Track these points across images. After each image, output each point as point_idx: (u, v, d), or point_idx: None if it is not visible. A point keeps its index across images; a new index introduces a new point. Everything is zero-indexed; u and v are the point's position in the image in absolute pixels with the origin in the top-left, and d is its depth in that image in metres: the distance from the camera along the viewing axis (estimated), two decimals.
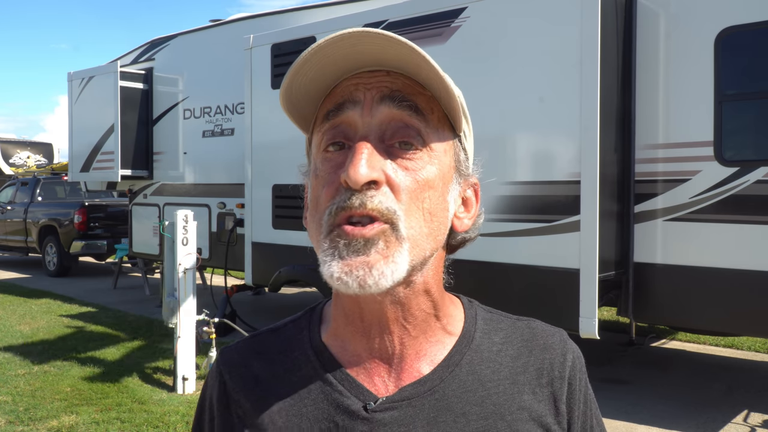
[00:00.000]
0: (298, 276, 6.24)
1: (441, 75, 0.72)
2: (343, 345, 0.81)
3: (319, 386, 0.79)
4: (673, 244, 4.52)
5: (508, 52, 4.85)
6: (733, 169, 4.28)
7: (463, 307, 0.87)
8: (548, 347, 0.84)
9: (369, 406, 0.76)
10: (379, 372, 0.79)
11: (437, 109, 0.77)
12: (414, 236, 0.73)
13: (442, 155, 0.77)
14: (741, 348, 6.66)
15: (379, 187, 0.71)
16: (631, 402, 5.01)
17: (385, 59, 0.73)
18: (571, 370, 0.84)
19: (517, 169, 4.88)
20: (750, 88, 4.42)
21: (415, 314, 0.78)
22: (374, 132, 0.73)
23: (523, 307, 4.78)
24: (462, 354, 0.81)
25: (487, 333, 0.84)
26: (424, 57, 0.70)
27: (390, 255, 0.71)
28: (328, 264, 0.71)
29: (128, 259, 10.80)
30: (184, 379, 5.33)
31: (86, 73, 8.80)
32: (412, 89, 0.75)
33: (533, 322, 0.88)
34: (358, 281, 0.70)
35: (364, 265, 0.70)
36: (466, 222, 0.83)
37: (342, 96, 0.75)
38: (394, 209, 0.71)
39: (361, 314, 0.79)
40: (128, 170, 8.39)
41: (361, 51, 0.72)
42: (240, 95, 7.00)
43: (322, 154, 0.76)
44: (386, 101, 0.74)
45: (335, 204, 0.72)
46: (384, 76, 0.75)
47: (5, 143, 19.49)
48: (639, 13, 4.62)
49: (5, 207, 13.71)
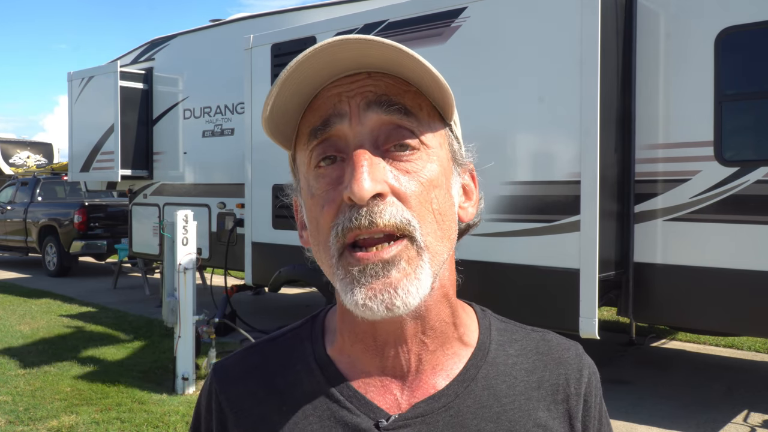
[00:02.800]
0: (298, 276, 6.24)
1: (428, 68, 0.68)
2: (350, 360, 0.77)
3: (324, 403, 0.75)
4: (673, 244, 4.52)
5: (508, 52, 4.85)
6: (733, 169, 4.28)
7: (477, 316, 0.84)
8: (564, 362, 0.82)
9: (381, 424, 0.72)
10: (391, 388, 0.75)
11: (425, 104, 0.73)
12: (431, 243, 0.70)
13: (439, 150, 0.73)
14: (741, 348, 6.66)
15: (384, 198, 0.67)
16: (631, 402, 5.01)
17: (367, 62, 0.70)
18: (587, 387, 0.81)
19: (517, 169, 4.88)
20: (750, 88, 4.42)
21: (434, 326, 0.75)
22: (367, 140, 0.69)
23: (524, 308, 4.78)
24: (478, 368, 0.78)
25: (502, 345, 0.81)
26: (409, 54, 0.67)
27: (412, 272, 0.67)
28: (351, 293, 0.67)
29: (128, 259, 10.80)
30: (184, 379, 5.32)
31: (86, 73, 8.80)
32: (397, 89, 0.71)
33: (548, 334, 0.85)
34: (385, 305, 0.66)
35: (387, 287, 0.66)
36: (470, 211, 0.80)
37: (326, 110, 0.71)
38: (408, 219, 0.68)
39: (374, 333, 0.75)
40: (128, 170, 8.39)
41: (342, 58, 0.68)
42: (240, 95, 7.00)
43: (314, 171, 0.72)
44: (373, 107, 0.70)
45: (340, 224, 0.68)
46: (365, 79, 0.71)
47: (5, 143, 19.49)
48: (639, 13, 4.62)
49: (5, 207, 13.71)
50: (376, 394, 0.75)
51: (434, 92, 0.73)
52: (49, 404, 5.03)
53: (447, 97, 0.73)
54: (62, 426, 4.59)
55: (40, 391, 5.33)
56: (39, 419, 4.73)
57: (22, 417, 4.78)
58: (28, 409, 4.93)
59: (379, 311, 0.66)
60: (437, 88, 0.72)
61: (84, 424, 4.63)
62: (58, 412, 4.85)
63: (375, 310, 0.66)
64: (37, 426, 4.62)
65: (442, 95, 0.73)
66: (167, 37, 8.48)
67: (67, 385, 5.51)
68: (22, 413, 4.85)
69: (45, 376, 5.78)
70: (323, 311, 0.85)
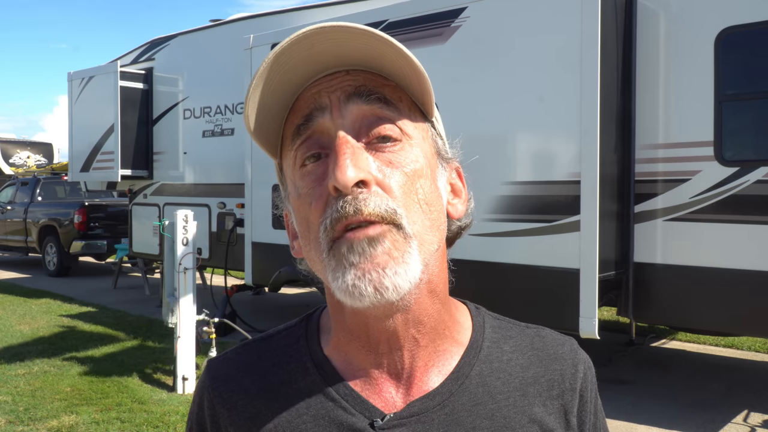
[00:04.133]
0: (298, 276, 6.22)
1: (408, 56, 0.68)
2: (346, 359, 0.77)
3: (319, 401, 0.75)
4: (673, 244, 4.52)
5: (508, 51, 4.85)
6: (733, 169, 4.28)
7: (470, 313, 0.83)
8: (559, 357, 0.82)
9: (376, 423, 0.72)
10: (386, 386, 0.75)
11: (405, 97, 0.73)
12: (419, 232, 0.69)
13: (422, 142, 0.73)
14: (741, 348, 6.66)
15: (369, 187, 0.67)
16: (631, 402, 5.01)
17: (345, 55, 0.69)
18: (583, 382, 0.81)
19: (517, 169, 4.88)
20: (750, 88, 4.42)
21: (424, 321, 0.74)
22: (349, 131, 0.69)
23: (524, 308, 4.78)
24: (471, 365, 0.77)
25: (496, 342, 0.81)
26: (388, 40, 0.66)
27: (399, 255, 0.67)
28: (341, 278, 0.66)
29: (128, 259, 10.80)
30: (184, 379, 5.33)
31: (86, 73, 8.80)
32: (376, 82, 0.71)
33: (542, 330, 0.85)
34: (373, 284, 0.65)
35: (375, 267, 0.66)
36: (459, 207, 0.79)
37: (307, 107, 0.71)
38: (393, 208, 0.67)
39: (367, 330, 0.74)
40: (128, 170, 8.39)
41: (320, 51, 0.68)
42: (240, 95, 7.00)
43: (299, 171, 0.71)
44: (353, 99, 0.70)
45: (328, 217, 0.67)
46: (344, 76, 0.71)
47: (5, 143, 19.50)
48: (639, 13, 4.62)
49: (5, 207, 13.71)
50: (371, 392, 0.75)
51: (413, 85, 0.72)
52: (49, 404, 5.03)
53: (426, 85, 0.72)
54: (62, 426, 4.59)
55: (40, 391, 5.34)
56: (39, 419, 4.73)
57: (22, 417, 4.78)
58: (28, 409, 4.93)
59: (368, 291, 0.65)
60: (416, 78, 0.71)
61: (84, 424, 4.63)
62: (58, 412, 4.85)
63: (363, 289, 0.65)
64: (37, 426, 4.62)
65: (421, 87, 0.72)
66: (167, 37, 8.48)
67: (67, 385, 5.52)
68: (22, 413, 4.85)
69: (45, 376, 5.78)
70: (318, 310, 0.85)
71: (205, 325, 5.58)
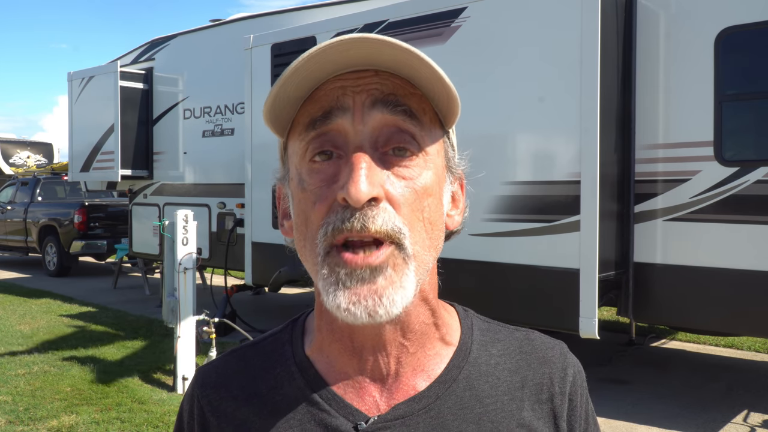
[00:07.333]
0: (298, 276, 6.24)
1: (441, 75, 0.68)
2: (328, 361, 0.76)
3: (304, 406, 0.74)
4: (673, 244, 4.52)
5: (508, 52, 4.85)
6: (733, 169, 4.28)
7: (459, 316, 0.82)
8: (548, 361, 0.80)
9: (360, 427, 0.72)
10: (370, 389, 0.74)
11: (429, 108, 0.72)
12: (418, 253, 0.69)
13: (436, 157, 0.73)
14: (741, 348, 6.66)
15: (378, 203, 0.66)
16: (631, 402, 5.01)
17: (378, 61, 0.68)
18: (572, 386, 0.80)
19: (517, 169, 4.88)
20: (750, 88, 4.42)
21: (414, 328, 0.74)
22: (368, 140, 0.68)
23: (523, 308, 4.78)
24: (459, 369, 0.77)
25: (484, 345, 0.80)
26: (422, 58, 0.66)
27: (398, 280, 0.67)
28: (333, 294, 0.66)
29: (128, 259, 10.80)
30: (184, 379, 5.32)
31: (86, 73, 8.80)
32: (404, 90, 0.70)
33: (531, 334, 0.84)
34: (368, 312, 0.66)
35: (372, 294, 0.66)
36: (456, 219, 0.79)
37: (328, 102, 0.69)
38: (399, 227, 0.67)
39: (351, 335, 0.74)
40: (128, 170, 8.39)
41: (353, 55, 0.67)
42: (240, 95, 7.00)
43: (308, 165, 0.70)
44: (378, 106, 0.68)
45: (330, 224, 0.67)
46: (372, 77, 0.69)
47: (5, 143, 19.49)
48: (639, 13, 4.62)
49: (5, 207, 13.71)
50: (354, 396, 0.74)
51: (441, 99, 0.72)
52: (49, 404, 5.03)
53: (454, 105, 0.72)
54: (62, 426, 4.59)
55: (40, 391, 5.34)
56: (39, 419, 4.73)
57: (22, 417, 4.78)
58: (28, 409, 4.93)
59: (361, 317, 0.66)
60: (446, 96, 0.71)
61: (84, 424, 4.63)
62: (58, 412, 4.85)
63: (357, 315, 0.66)
64: (37, 426, 4.62)
65: (449, 104, 0.72)
66: (167, 37, 8.48)
67: (67, 385, 5.52)
68: (22, 413, 4.85)
69: (45, 376, 5.78)
70: (304, 314, 0.85)
71: (205, 325, 5.58)
